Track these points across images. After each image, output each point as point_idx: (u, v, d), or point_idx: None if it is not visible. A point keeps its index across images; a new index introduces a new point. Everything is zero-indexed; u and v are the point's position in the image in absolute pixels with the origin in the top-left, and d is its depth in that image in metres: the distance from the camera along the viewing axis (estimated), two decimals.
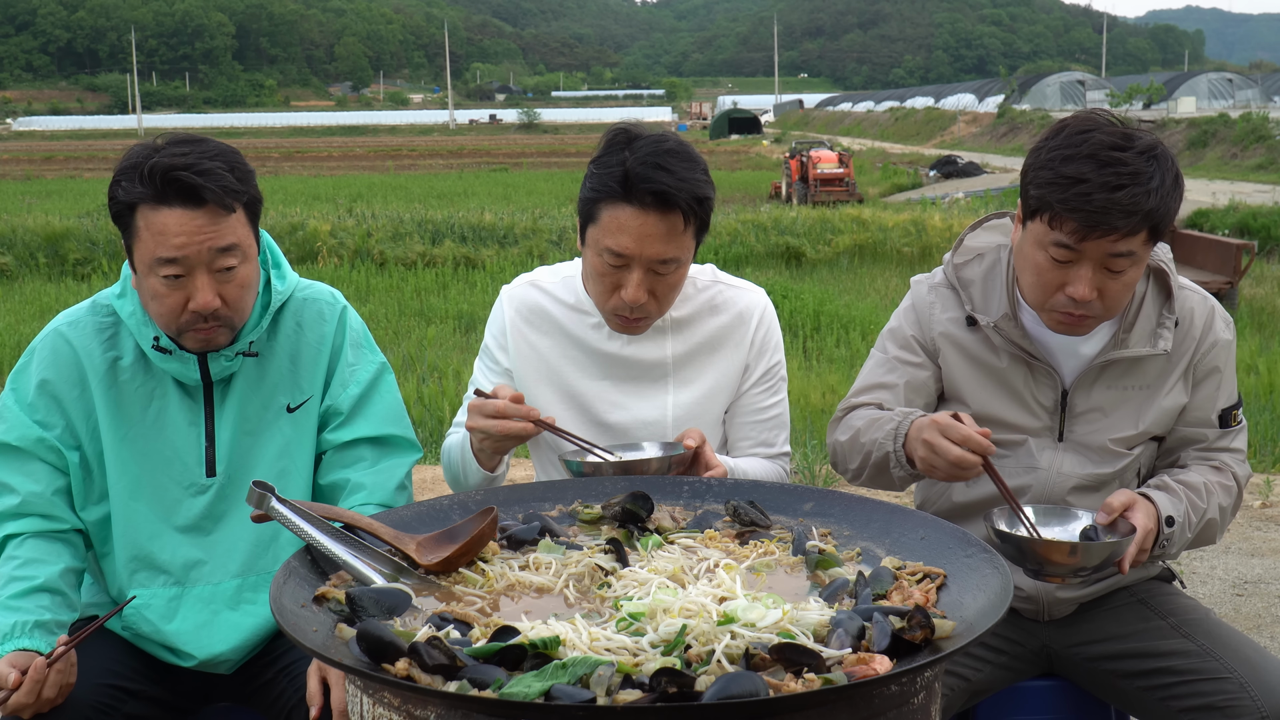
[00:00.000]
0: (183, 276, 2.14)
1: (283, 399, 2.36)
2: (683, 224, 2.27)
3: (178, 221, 2.11)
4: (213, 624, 2.30)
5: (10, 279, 15.14)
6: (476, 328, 11.09)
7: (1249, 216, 18.72)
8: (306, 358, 2.39)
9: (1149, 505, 2.14)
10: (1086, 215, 2.07)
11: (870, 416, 2.34)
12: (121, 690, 2.21)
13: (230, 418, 2.32)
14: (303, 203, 22.88)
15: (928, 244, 16.53)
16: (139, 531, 2.30)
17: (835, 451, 2.45)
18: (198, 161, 2.12)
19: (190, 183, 2.10)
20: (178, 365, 2.27)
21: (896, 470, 2.24)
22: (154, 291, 2.17)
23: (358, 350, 2.45)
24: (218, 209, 2.13)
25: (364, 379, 2.43)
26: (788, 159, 28.89)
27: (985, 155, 42.75)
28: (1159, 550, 2.18)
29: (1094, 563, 1.98)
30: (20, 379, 2.31)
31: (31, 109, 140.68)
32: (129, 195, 2.12)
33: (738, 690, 1.34)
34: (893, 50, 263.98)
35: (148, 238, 2.13)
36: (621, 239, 2.27)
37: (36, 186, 32.52)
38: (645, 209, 2.25)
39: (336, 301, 2.45)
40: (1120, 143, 2.09)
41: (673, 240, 2.28)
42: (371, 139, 72.11)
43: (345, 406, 2.40)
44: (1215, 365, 2.35)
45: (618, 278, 2.33)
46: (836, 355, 9.94)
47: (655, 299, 2.35)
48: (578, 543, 1.92)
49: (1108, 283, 2.15)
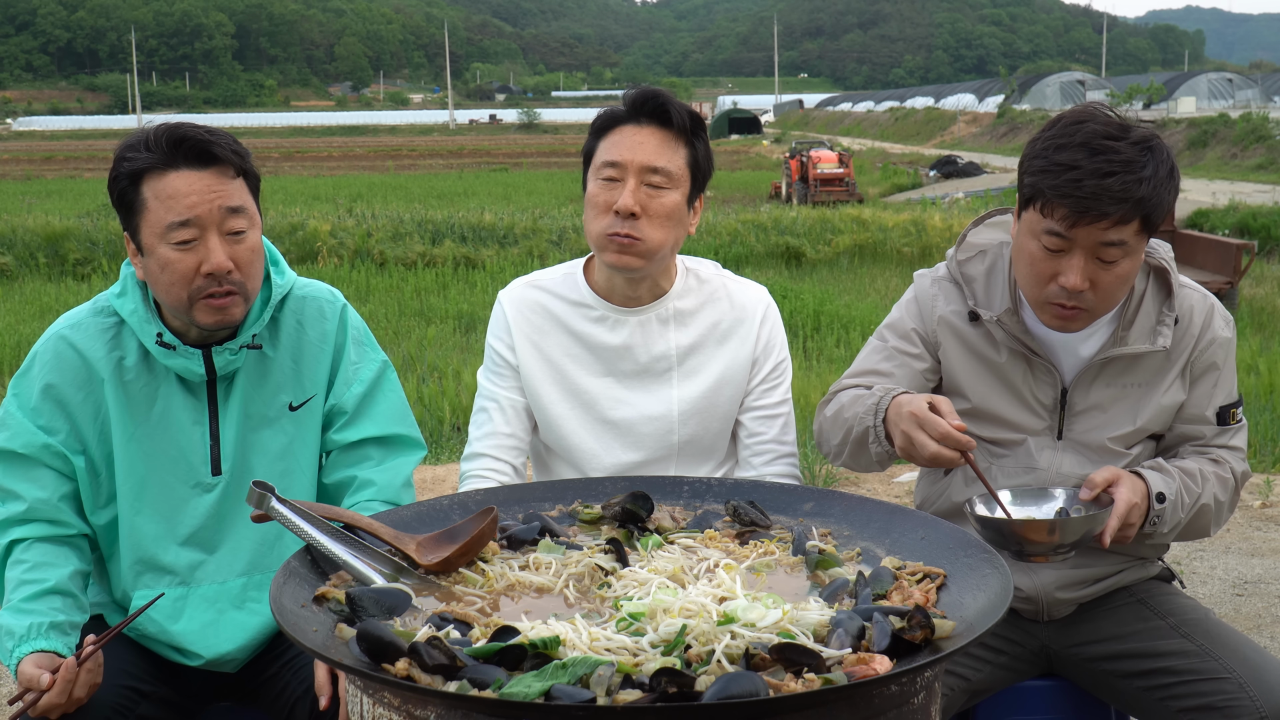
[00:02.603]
0: (194, 241, 2.16)
1: (285, 397, 2.37)
2: (675, 140, 2.40)
3: (187, 182, 2.14)
4: (219, 623, 2.30)
5: (10, 279, 15.13)
6: (476, 328, 11.10)
7: (1249, 216, 18.72)
8: (309, 356, 2.39)
9: (1136, 481, 2.15)
10: (1077, 201, 2.08)
11: (855, 394, 2.35)
12: (135, 691, 2.22)
13: (234, 416, 2.32)
14: (303, 203, 22.88)
15: (928, 244, 16.54)
16: (144, 533, 2.29)
17: (819, 430, 2.44)
18: (203, 127, 2.19)
19: (199, 139, 2.15)
20: (182, 361, 2.26)
21: (875, 446, 2.21)
22: (165, 261, 2.17)
23: (360, 348, 2.45)
24: (225, 168, 2.18)
25: (367, 377, 2.43)
26: (788, 159, 28.89)
27: (985, 155, 42.77)
28: (1149, 528, 2.18)
29: (1073, 539, 2.00)
30: (22, 384, 2.30)
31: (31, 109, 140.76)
32: (135, 165, 2.16)
33: (738, 690, 1.34)
34: (893, 50, 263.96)
35: (156, 206, 2.15)
36: (617, 150, 2.39)
37: (36, 186, 32.52)
38: (641, 124, 2.41)
39: (336, 299, 2.46)
40: (1114, 133, 2.11)
41: (665, 151, 2.39)
42: (371, 139, 72.11)
43: (350, 405, 2.41)
44: (1213, 362, 2.35)
45: (611, 194, 2.39)
46: (836, 355, 9.94)
47: (648, 218, 2.39)
48: (578, 543, 1.92)
49: (1100, 274, 2.15)
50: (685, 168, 2.42)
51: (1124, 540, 2.15)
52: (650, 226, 2.39)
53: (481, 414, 2.58)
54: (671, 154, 2.40)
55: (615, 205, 2.37)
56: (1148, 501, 2.16)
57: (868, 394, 2.29)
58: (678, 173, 2.41)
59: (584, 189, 2.48)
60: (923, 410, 2.07)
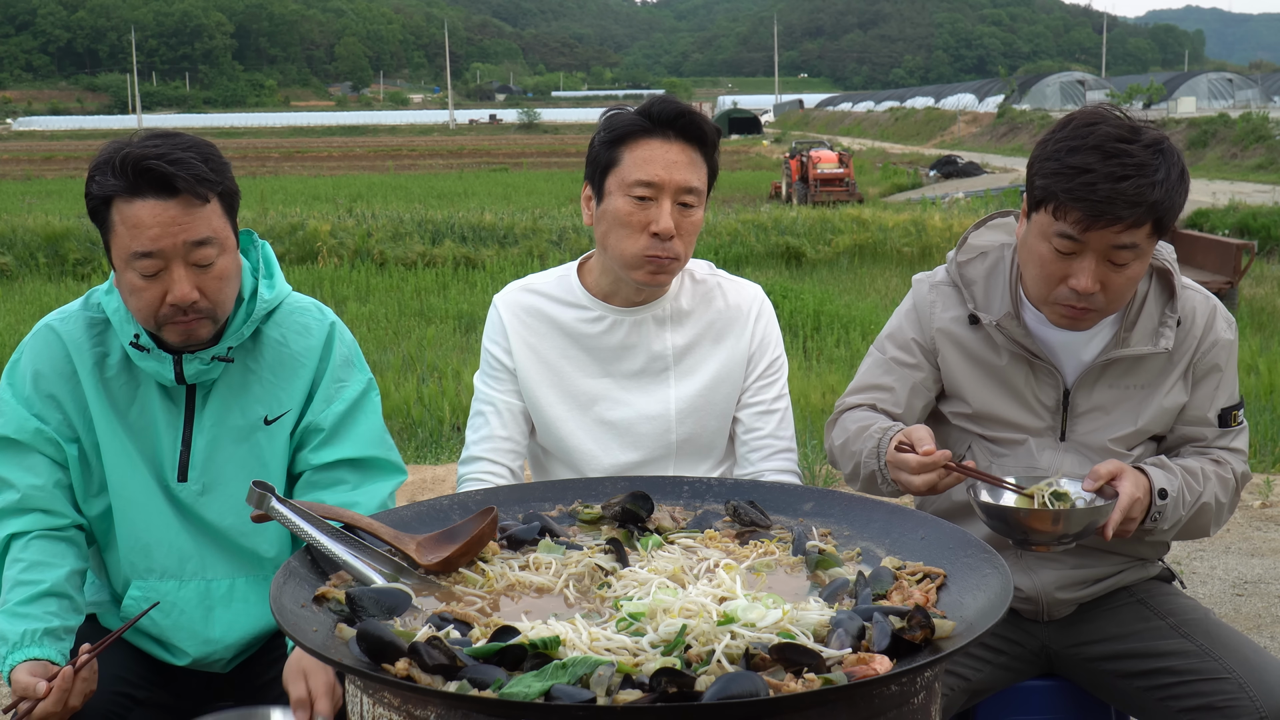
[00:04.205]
0: (160, 271, 2.13)
1: (261, 410, 2.33)
2: (701, 155, 2.40)
3: (151, 213, 2.09)
4: (207, 621, 2.31)
5: (10, 279, 15.13)
6: (476, 328, 11.08)
7: (1249, 216, 18.72)
8: (287, 370, 2.35)
9: (1139, 476, 2.16)
10: (1091, 205, 2.07)
11: (860, 423, 2.37)
12: (129, 697, 2.22)
13: (208, 425, 2.31)
14: (303, 203, 22.86)
15: (928, 244, 16.53)
16: (135, 524, 2.30)
17: (831, 454, 2.49)
18: (169, 152, 2.10)
19: (162, 171, 2.08)
20: (154, 364, 2.24)
21: (884, 487, 2.29)
22: (131, 286, 2.15)
23: (348, 367, 2.40)
24: (191, 199, 2.11)
25: (350, 396, 2.38)
26: (788, 159, 28.89)
27: (985, 155, 42.76)
28: (1150, 523, 2.19)
29: (1076, 529, 2.01)
30: (14, 373, 2.31)
31: (31, 109, 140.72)
32: (103, 189, 2.11)
33: (738, 690, 1.34)
34: (893, 50, 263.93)
35: (123, 232, 2.11)
36: (651, 169, 2.36)
37: (36, 186, 32.49)
38: (669, 140, 2.37)
39: (325, 317, 2.41)
40: (1127, 135, 2.10)
41: (695, 170, 2.40)
42: (371, 139, 72.06)
43: (327, 424, 2.35)
44: (1215, 364, 2.35)
45: (647, 214, 2.37)
46: (836, 355, 9.94)
47: (681, 237, 2.40)
48: (578, 543, 1.92)
49: (1110, 275, 2.16)
50: (707, 181, 2.44)
51: (1124, 534, 2.15)
52: (683, 244, 2.41)
53: (478, 418, 2.58)
54: (700, 171, 2.41)
55: (655, 228, 2.36)
56: (1150, 497, 2.17)
57: (870, 430, 2.32)
58: (703, 189, 2.43)
59: (594, 193, 2.45)
60: (896, 457, 2.16)
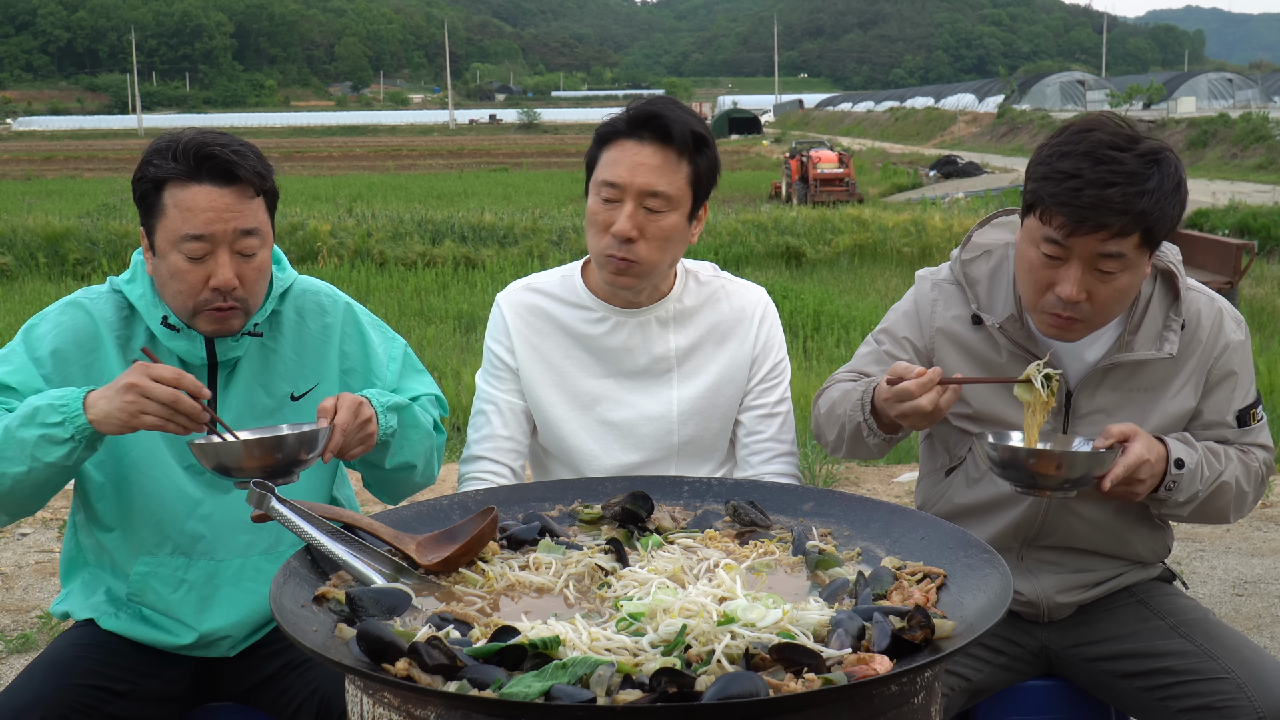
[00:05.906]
0: (205, 255, 2.19)
1: (287, 387, 2.38)
2: (677, 159, 2.35)
3: (207, 198, 2.17)
4: (214, 598, 2.31)
5: (10, 279, 15.13)
6: (476, 328, 11.09)
7: (1249, 216, 18.71)
8: (311, 347, 2.41)
9: (1153, 441, 2.15)
10: (1075, 210, 2.06)
11: (844, 389, 2.37)
12: (105, 690, 2.21)
13: (234, 404, 2.33)
14: (303, 203, 22.85)
15: (928, 244, 16.52)
16: (151, 503, 2.30)
17: (816, 425, 2.47)
18: (231, 143, 2.22)
19: (224, 158, 2.18)
20: (185, 344, 2.28)
21: (871, 439, 2.26)
22: (175, 269, 2.21)
23: (381, 331, 2.54)
24: (246, 189, 2.21)
25: (398, 354, 2.52)
26: (788, 159, 28.89)
27: (985, 155, 42.75)
28: (1165, 493, 2.17)
29: (1078, 474, 2.03)
30: (32, 336, 2.29)
31: (31, 109, 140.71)
32: (160, 172, 2.19)
33: (738, 690, 1.34)
34: (893, 50, 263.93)
35: (175, 214, 2.18)
36: (616, 170, 2.34)
37: (36, 186, 32.50)
38: (642, 141, 2.35)
39: (336, 295, 2.50)
40: (1121, 143, 2.08)
41: (665, 173, 2.34)
42: (371, 139, 72.07)
43: (393, 381, 2.48)
44: (1230, 369, 2.33)
45: (610, 215, 2.36)
46: (836, 355, 9.94)
47: (645, 240, 2.37)
48: (578, 543, 1.92)
49: (1097, 286, 2.13)
50: (686, 187, 2.38)
51: (1131, 496, 2.14)
52: (648, 249, 2.37)
53: (480, 417, 2.58)
54: (672, 175, 2.35)
55: (612, 229, 2.35)
56: (1165, 464, 2.15)
57: (853, 388, 2.31)
58: (677, 195, 2.37)
59: (586, 194, 2.47)
60: (887, 390, 2.12)
